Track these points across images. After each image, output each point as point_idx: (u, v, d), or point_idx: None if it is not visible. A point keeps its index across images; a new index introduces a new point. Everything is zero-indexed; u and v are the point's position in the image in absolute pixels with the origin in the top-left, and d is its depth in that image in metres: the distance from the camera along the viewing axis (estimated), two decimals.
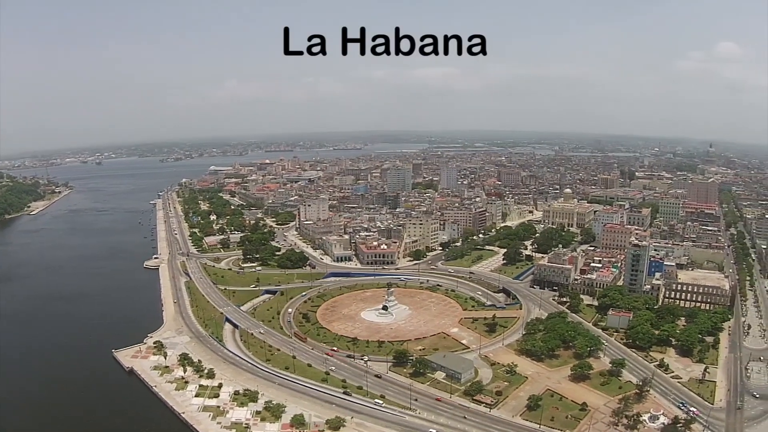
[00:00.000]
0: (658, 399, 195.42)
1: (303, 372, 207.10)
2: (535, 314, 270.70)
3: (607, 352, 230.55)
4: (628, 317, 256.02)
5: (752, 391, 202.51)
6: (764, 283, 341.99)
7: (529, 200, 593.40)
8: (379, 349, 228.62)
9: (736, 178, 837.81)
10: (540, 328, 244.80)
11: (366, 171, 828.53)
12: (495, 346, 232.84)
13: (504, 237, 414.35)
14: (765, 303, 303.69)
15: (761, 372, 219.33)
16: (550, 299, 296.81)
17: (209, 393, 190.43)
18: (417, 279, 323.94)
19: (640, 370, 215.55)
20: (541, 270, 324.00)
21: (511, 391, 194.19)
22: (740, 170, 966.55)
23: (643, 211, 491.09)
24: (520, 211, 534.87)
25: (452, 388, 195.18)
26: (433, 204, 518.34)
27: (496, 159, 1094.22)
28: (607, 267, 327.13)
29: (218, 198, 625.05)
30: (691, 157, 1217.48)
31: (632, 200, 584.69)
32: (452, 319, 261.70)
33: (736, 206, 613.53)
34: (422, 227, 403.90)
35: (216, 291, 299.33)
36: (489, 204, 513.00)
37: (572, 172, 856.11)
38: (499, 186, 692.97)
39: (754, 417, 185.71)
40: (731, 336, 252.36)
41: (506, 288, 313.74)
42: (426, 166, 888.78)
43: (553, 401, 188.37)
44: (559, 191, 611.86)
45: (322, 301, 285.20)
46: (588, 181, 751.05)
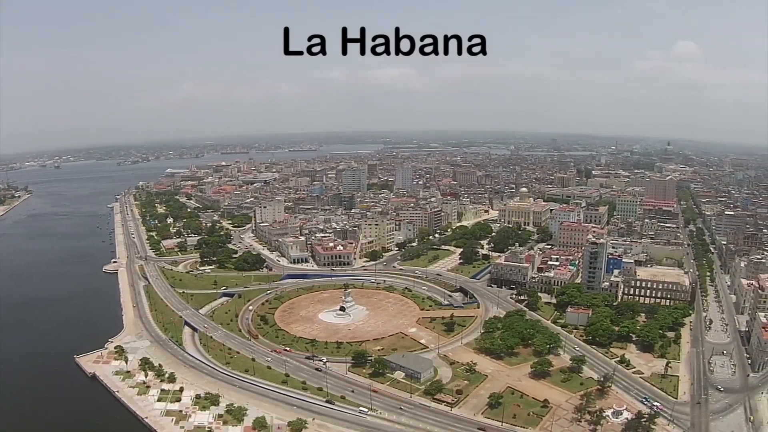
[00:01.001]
0: (621, 394, 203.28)
1: (263, 374, 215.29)
2: (493, 313, 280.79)
3: (567, 349, 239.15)
4: (587, 314, 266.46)
5: (717, 385, 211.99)
6: (725, 278, 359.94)
7: (484, 200, 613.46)
8: (338, 350, 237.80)
9: (695, 176, 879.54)
10: (498, 327, 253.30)
11: (321, 172, 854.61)
12: (454, 345, 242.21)
13: (460, 236, 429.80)
14: (726, 298, 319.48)
15: (725, 366, 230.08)
16: (508, 298, 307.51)
17: (171, 397, 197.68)
18: (374, 279, 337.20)
19: (601, 367, 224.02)
20: (498, 269, 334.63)
21: (472, 390, 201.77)
22: (699, 168, 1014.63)
23: (600, 209, 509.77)
24: (475, 211, 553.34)
25: (412, 388, 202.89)
26: (388, 204, 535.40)
27: (451, 159, 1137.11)
28: (565, 265, 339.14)
29: (175, 201, 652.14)
30: (648, 156, 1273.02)
31: (589, 198, 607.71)
32: (410, 319, 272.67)
33: (694, 203, 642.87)
34: (378, 228, 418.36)
35: (174, 294, 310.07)
36: (444, 204, 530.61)
37: (528, 172, 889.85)
38: (455, 186, 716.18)
39: (719, 410, 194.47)
40: (693, 331, 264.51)
41: (463, 287, 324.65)
42: (381, 167, 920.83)
43: (514, 399, 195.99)
44: (515, 190, 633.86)
45: (280, 303, 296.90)
46: (544, 180, 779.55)
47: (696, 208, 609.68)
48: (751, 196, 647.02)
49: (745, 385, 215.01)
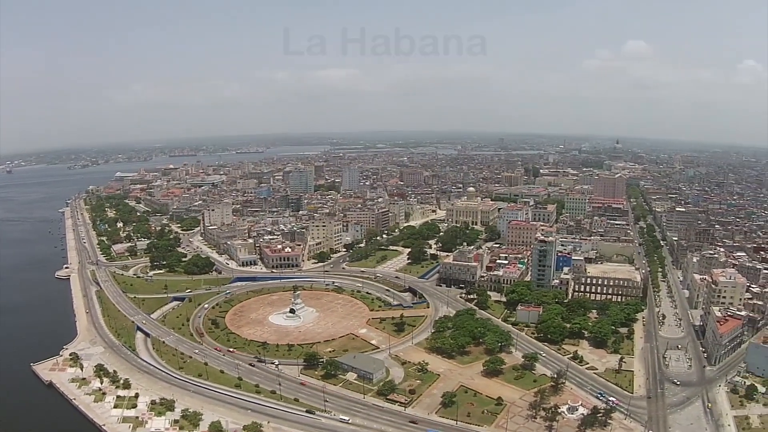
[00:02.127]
0: (575, 390, 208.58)
1: (216, 378, 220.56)
2: (442, 312, 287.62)
3: (519, 346, 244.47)
4: (537, 312, 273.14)
5: (673, 379, 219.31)
6: (677, 274, 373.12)
7: (432, 199, 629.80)
8: (289, 353, 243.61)
9: (644, 173, 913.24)
10: (449, 326, 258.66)
11: (269, 174, 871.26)
12: (404, 345, 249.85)
13: (408, 237, 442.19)
14: (679, 293, 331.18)
15: (680, 360, 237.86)
16: (458, 297, 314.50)
17: (127, 404, 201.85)
18: (323, 281, 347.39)
19: (554, 363, 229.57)
20: (446, 268, 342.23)
21: (425, 389, 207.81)
22: (648, 165, 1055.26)
23: (549, 208, 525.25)
24: (423, 211, 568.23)
25: (365, 389, 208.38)
26: (335, 206, 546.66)
27: (398, 159, 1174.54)
28: (514, 263, 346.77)
29: (124, 205, 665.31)
30: (597, 154, 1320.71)
31: (537, 197, 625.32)
32: (360, 320, 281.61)
33: (644, 200, 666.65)
34: (325, 229, 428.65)
35: (126, 300, 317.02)
36: (392, 204, 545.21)
37: (475, 171, 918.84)
38: (402, 186, 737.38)
39: (676, 404, 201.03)
40: (646, 326, 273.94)
41: (412, 287, 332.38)
42: (328, 168, 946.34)
43: (468, 397, 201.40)
44: (462, 190, 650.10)
45: (230, 307, 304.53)
46: (492, 179, 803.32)
47: (646, 205, 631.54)
48: (703, 193, 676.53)
49: (702, 378, 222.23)
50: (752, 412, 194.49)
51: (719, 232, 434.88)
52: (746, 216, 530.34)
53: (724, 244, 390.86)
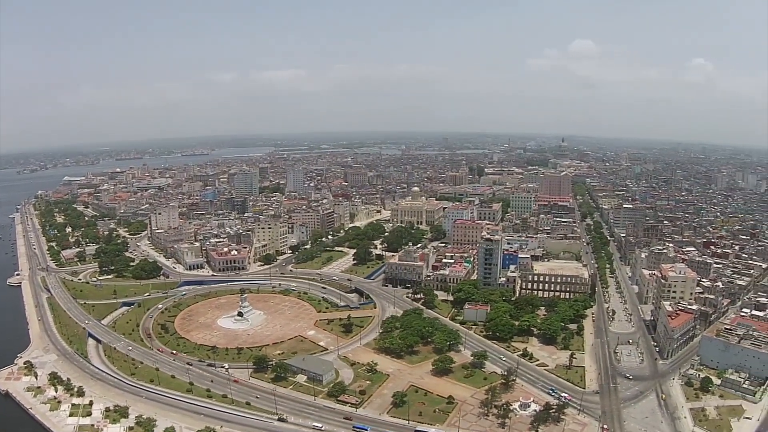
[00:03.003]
0: (527, 387, 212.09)
1: (168, 384, 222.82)
2: (390, 312, 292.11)
3: (468, 345, 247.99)
4: (485, 310, 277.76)
5: (625, 373, 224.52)
6: (625, 269, 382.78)
7: (376, 200, 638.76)
8: (239, 356, 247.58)
9: (591, 171, 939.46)
10: (397, 326, 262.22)
11: (214, 176, 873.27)
12: (353, 346, 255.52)
13: (353, 237, 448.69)
14: (628, 289, 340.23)
15: (632, 354, 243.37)
16: (404, 297, 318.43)
17: (82, 411, 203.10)
18: (269, 283, 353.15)
19: (503, 361, 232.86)
20: (392, 268, 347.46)
21: (375, 390, 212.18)
22: (595, 163, 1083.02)
23: (494, 206, 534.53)
24: (367, 211, 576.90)
25: (316, 391, 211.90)
26: (280, 207, 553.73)
27: (342, 160, 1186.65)
28: (460, 262, 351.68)
29: (73, 209, 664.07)
30: (542, 152, 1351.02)
31: (482, 196, 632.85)
32: (308, 322, 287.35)
33: (591, 197, 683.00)
34: (271, 231, 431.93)
35: (77, 306, 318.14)
36: (336, 205, 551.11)
37: (420, 171, 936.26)
38: (346, 187, 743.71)
39: (630, 398, 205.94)
40: (595, 322, 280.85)
41: (359, 288, 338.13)
42: (273, 170, 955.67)
43: (419, 397, 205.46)
44: (406, 190, 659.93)
45: (179, 311, 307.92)
46: (436, 178, 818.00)
47: (593, 203, 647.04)
48: (650, 189, 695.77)
49: (655, 372, 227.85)
50: (708, 404, 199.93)
51: (668, 227, 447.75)
52: (695, 211, 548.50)
53: (673, 240, 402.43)
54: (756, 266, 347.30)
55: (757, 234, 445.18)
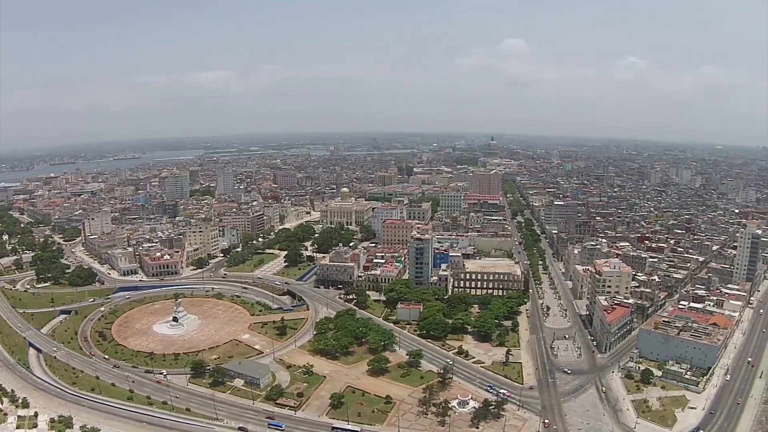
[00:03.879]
0: (464, 385, 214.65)
1: (109, 392, 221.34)
2: (323, 314, 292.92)
3: (402, 344, 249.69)
4: (418, 309, 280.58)
5: (563, 368, 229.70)
6: (558, 266, 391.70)
7: (306, 201, 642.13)
8: (176, 362, 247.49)
9: (521, 169, 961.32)
10: (330, 327, 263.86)
11: (145, 180, 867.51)
12: (288, 348, 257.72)
13: (284, 239, 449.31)
14: (562, 285, 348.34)
15: (569, 349, 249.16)
16: (336, 298, 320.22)
17: (28, 423, 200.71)
18: (203, 287, 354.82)
19: (439, 359, 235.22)
20: (323, 269, 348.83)
21: (312, 392, 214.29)
22: (525, 161, 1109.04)
23: (423, 206, 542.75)
24: (297, 213, 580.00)
25: (254, 395, 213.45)
26: (211, 210, 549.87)
27: (271, 162, 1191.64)
28: (391, 262, 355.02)
29: (8, 216, 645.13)
30: (472, 151, 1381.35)
31: (411, 195, 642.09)
32: (242, 326, 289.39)
33: (521, 195, 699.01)
34: (202, 235, 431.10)
35: (16, 315, 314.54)
36: (266, 207, 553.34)
37: (348, 171, 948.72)
38: (276, 188, 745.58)
39: (569, 392, 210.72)
40: (530, 318, 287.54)
41: (291, 290, 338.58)
42: (203, 173, 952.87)
43: (356, 397, 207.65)
44: (336, 191, 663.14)
45: (115, 318, 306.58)
46: (365, 179, 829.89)
47: (523, 200, 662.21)
48: (582, 186, 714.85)
49: (594, 366, 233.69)
50: (651, 396, 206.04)
51: (600, 223, 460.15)
52: (628, 207, 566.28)
53: (606, 235, 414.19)
54: (693, 259, 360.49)
55: (693, 228, 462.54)
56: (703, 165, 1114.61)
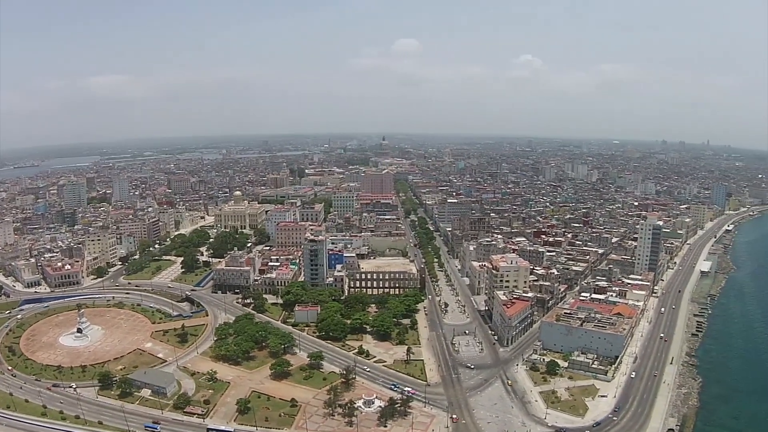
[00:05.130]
0: (368, 384, 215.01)
1: (23, 408, 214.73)
2: (222, 319, 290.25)
3: (303, 347, 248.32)
4: (316, 311, 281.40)
5: (466, 363, 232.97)
6: (454, 263, 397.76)
7: (200, 206, 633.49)
8: (84, 374, 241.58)
9: (412, 168, 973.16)
10: (230, 332, 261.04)
11: (44, 189, 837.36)
12: (190, 355, 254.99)
13: (179, 245, 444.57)
14: (459, 281, 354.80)
15: (470, 345, 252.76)
16: (234, 302, 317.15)
17: None
18: (104, 297, 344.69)
19: (341, 360, 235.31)
20: (220, 274, 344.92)
21: (218, 398, 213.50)
22: (416, 160, 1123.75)
23: (316, 207, 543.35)
24: (192, 218, 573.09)
25: (161, 404, 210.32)
26: (108, 218, 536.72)
27: (165, 167, 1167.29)
28: (286, 264, 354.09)
29: None
30: (363, 151, 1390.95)
31: (304, 197, 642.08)
32: (144, 334, 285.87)
33: (414, 194, 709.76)
34: (101, 243, 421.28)
35: None
36: (161, 213, 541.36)
37: (241, 175, 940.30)
38: (170, 194, 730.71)
39: (475, 387, 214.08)
40: (429, 316, 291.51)
41: (189, 296, 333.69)
42: (99, 180, 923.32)
43: (262, 402, 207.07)
44: (229, 194, 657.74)
45: (23, 331, 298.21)
46: (257, 182, 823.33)
47: (416, 199, 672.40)
48: (475, 184, 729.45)
49: (497, 359, 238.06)
50: (558, 387, 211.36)
51: (495, 220, 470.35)
52: (523, 203, 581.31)
53: (502, 231, 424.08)
54: (592, 252, 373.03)
55: (591, 221, 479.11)
56: (599, 160, 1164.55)
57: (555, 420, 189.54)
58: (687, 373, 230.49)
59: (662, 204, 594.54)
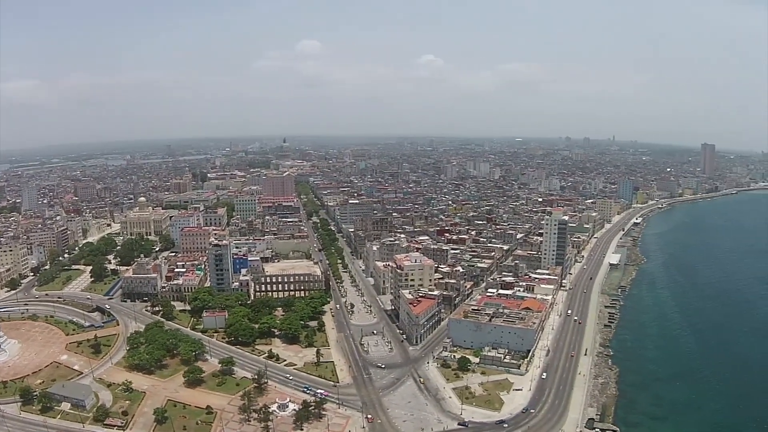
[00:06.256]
0: (281, 388, 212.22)
1: None
2: (133, 328, 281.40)
3: (213, 353, 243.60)
4: (223, 316, 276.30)
5: (376, 363, 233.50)
6: (358, 263, 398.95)
7: (106, 213, 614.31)
8: (5, 390, 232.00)
9: (313, 169, 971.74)
10: (141, 341, 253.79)
11: None
12: (105, 366, 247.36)
13: (88, 254, 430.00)
14: (363, 282, 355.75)
15: (379, 344, 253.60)
16: (143, 310, 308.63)
17: None
18: (18, 310, 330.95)
19: (252, 365, 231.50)
20: (128, 282, 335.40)
21: (135, 409, 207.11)
22: (317, 161, 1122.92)
23: (219, 211, 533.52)
24: (99, 226, 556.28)
25: (82, 417, 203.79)
26: (18, 228, 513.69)
27: (71, 174, 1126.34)
28: (192, 270, 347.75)
29: None
30: (265, 154, 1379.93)
31: (207, 202, 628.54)
32: (59, 346, 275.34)
33: (315, 196, 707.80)
34: (12, 254, 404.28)
35: None
36: (69, 221, 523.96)
37: (145, 180, 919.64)
38: (77, 201, 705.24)
39: (387, 386, 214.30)
40: (336, 317, 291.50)
41: (99, 306, 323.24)
42: (9, 188, 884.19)
43: (179, 411, 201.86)
44: (134, 201, 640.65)
45: None
46: (161, 187, 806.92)
47: (317, 201, 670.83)
48: (376, 184, 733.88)
49: (407, 358, 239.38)
50: (472, 382, 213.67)
51: (398, 219, 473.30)
52: (425, 202, 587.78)
53: (405, 231, 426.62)
54: (497, 248, 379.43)
55: (494, 218, 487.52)
56: (501, 157, 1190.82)
57: (471, 415, 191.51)
58: (602, 364, 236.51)
59: (567, 199, 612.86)
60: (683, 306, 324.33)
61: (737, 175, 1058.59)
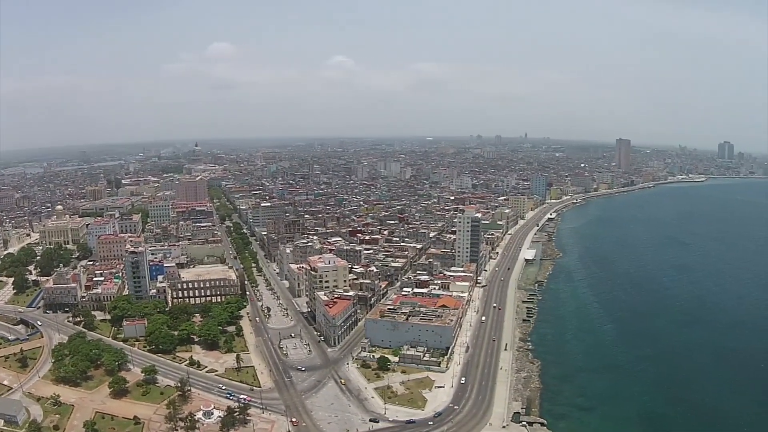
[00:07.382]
0: (204, 395, 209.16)
1: None
2: (57, 340, 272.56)
3: (136, 362, 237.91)
4: (143, 324, 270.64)
5: (296, 366, 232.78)
6: (272, 266, 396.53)
7: (25, 222, 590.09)
8: None
9: (225, 173, 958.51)
10: (66, 353, 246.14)
11: None
12: (33, 380, 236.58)
13: (9, 265, 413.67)
14: (278, 285, 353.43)
15: (297, 347, 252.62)
16: (66, 321, 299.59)
17: None
18: None
19: (174, 373, 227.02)
20: (49, 293, 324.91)
21: (66, 423, 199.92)
22: (229, 165, 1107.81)
23: (134, 218, 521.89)
24: (19, 236, 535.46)
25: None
26: None
27: None
28: (110, 279, 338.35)
29: None
30: (177, 159, 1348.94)
31: (122, 208, 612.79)
32: None
33: (228, 199, 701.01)
34: None
35: None
36: None
37: (62, 188, 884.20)
38: None
39: (309, 388, 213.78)
40: (253, 321, 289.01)
41: (23, 318, 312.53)
42: None
43: (107, 423, 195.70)
44: (51, 209, 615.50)
45: None
46: (77, 195, 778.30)
47: (230, 204, 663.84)
48: (288, 186, 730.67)
49: (327, 360, 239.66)
50: (393, 381, 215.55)
51: (310, 221, 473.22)
52: (337, 203, 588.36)
53: (317, 232, 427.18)
54: (410, 247, 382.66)
55: (407, 217, 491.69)
56: (412, 157, 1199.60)
57: (395, 414, 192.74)
58: (524, 358, 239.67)
59: (479, 197, 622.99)
60: (602, 297, 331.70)
61: (654, 168, 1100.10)
